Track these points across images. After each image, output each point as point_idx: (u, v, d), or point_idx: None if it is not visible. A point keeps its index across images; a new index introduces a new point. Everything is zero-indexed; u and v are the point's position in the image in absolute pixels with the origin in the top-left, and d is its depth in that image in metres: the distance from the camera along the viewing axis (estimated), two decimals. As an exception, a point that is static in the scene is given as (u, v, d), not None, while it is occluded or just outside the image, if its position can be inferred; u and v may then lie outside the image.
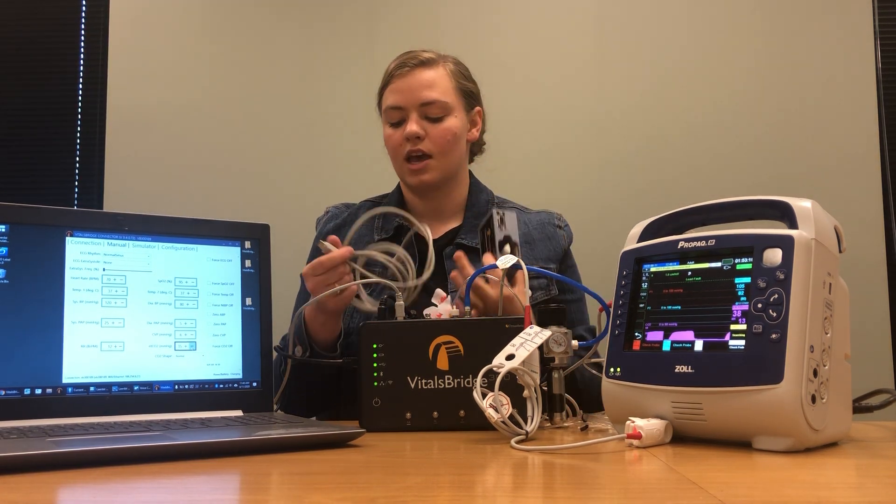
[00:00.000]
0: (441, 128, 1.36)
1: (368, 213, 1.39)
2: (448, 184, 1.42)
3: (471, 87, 1.44)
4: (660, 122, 2.23)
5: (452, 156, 1.39)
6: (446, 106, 1.37)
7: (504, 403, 0.90)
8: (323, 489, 0.64)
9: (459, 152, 1.41)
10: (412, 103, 1.36)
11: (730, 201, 0.94)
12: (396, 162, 1.41)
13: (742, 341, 0.81)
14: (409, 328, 1.02)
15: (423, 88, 1.36)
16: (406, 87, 1.36)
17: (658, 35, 2.25)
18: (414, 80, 1.36)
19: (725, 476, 0.67)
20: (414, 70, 1.37)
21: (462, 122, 1.40)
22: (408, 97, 1.36)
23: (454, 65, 1.42)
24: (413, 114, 1.36)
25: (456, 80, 1.40)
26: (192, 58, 2.28)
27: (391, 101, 1.38)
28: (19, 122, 2.33)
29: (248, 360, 1.09)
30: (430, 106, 1.36)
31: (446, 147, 1.37)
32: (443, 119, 1.37)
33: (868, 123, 2.19)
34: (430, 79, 1.37)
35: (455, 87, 1.40)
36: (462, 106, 1.41)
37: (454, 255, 1.20)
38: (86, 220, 1.03)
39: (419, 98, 1.36)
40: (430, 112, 1.36)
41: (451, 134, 1.37)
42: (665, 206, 1.03)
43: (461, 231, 1.42)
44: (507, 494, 0.62)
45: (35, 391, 0.95)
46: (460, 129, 1.40)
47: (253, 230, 1.13)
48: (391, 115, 1.39)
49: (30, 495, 0.61)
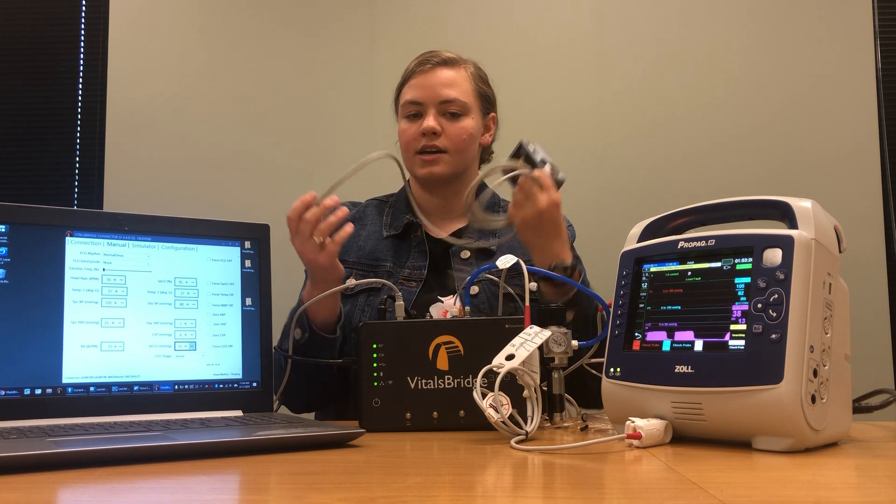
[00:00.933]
0: (458, 126, 1.38)
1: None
2: (457, 182, 1.43)
3: (488, 93, 1.46)
4: (660, 122, 2.23)
5: (465, 155, 1.40)
6: (465, 106, 1.39)
7: (504, 403, 0.90)
8: (323, 489, 0.64)
9: (472, 153, 1.43)
10: (432, 100, 1.38)
11: (730, 201, 0.94)
12: (408, 154, 1.42)
13: (742, 341, 0.81)
14: (409, 328, 1.02)
15: (444, 86, 1.38)
16: (427, 84, 1.38)
17: (658, 36, 2.25)
18: (435, 78, 1.39)
19: (725, 476, 0.67)
20: (436, 68, 1.39)
21: (477, 125, 1.43)
22: (428, 93, 1.38)
23: (475, 68, 1.45)
24: (431, 110, 1.38)
25: (475, 83, 1.43)
26: (192, 57, 2.28)
27: (410, 95, 1.40)
28: (19, 122, 2.33)
29: (248, 360, 1.09)
30: (449, 104, 1.38)
31: (461, 145, 1.39)
32: (460, 118, 1.39)
33: (868, 123, 2.19)
34: (451, 78, 1.39)
35: (474, 89, 1.42)
36: (479, 109, 1.43)
37: (519, 182, 1.21)
38: (86, 220, 1.03)
39: (439, 95, 1.38)
40: (449, 109, 1.38)
41: (467, 133, 1.39)
42: (665, 206, 1.03)
43: (467, 231, 1.43)
44: (507, 494, 0.62)
45: (35, 391, 0.95)
46: (476, 130, 1.42)
47: (253, 230, 1.13)
48: (409, 109, 1.40)
49: (30, 495, 0.61)
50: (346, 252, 1.37)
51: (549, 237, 1.22)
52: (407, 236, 1.42)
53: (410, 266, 1.38)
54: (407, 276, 1.37)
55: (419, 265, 1.38)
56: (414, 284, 1.36)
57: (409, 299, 1.33)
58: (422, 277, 1.36)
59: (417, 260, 1.39)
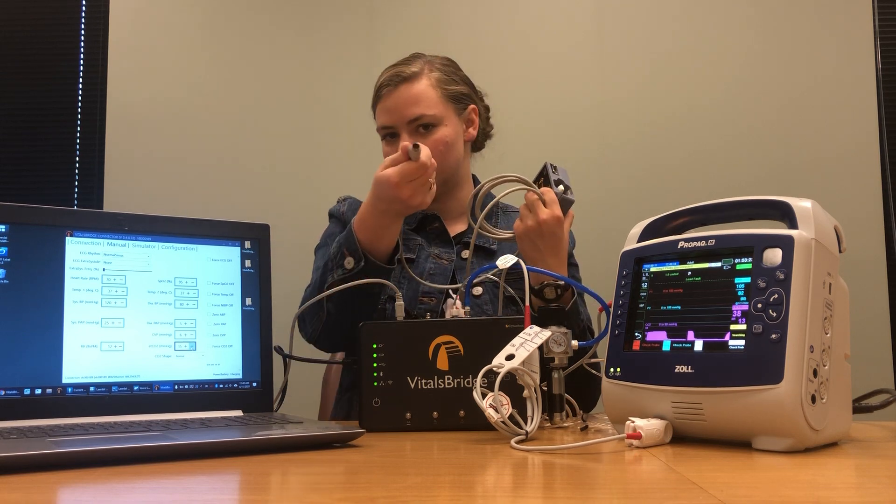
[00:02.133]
0: (432, 139, 1.37)
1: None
2: (450, 188, 1.43)
3: (459, 90, 1.43)
4: (661, 122, 2.23)
5: (447, 163, 1.39)
6: (434, 117, 1.37)
7: (504, 403, 0.90)
8: (323, 489, 0.64)
9: (454, 157, 1.42)
10: (400, 121, 1.37)
11: (730, 201, 0.94)
12: None
13: (742, 341, 0.81)
14: (409, 328, 1.02)
15: (409, 105, 1.37)
16: (393, 106, 1.38)
17: (658, 37, 2.25)
18: (399, 98, 1.37)
19: (725, 476, 0.67)
20: (398, 87, 1.37)
21: (454, 129, 1.41)
22: (395, 116, 1.38)
23: (439, 71, 1.42)
24: (403, 132, 1.37)
25: (441, 89, 1.40)
26: (192, 57, 2.28)
27: (381, 120, 1.41)
28: (19, 122, 2.33)
29: (248, 360, 1.09)
30: (417, 120, 1.37)
31: (439, 157, 1.35)
32: (433, 129, 1.37)
33: (868, 123, 2.20)
34: (414, 94, 1.37)
35: (441, 95, 1.39)
36: (452, 111, 1.41)
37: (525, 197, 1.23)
38: (86, 220, 1.03)
39: (406, 115, 1.37)
40: (420, 124, 1.37)
41: (443, 144, 1.38)
42: (665, 206, 1.03)
43: (467, 235, 1.42)
44: (507, 494, 0.62)
45: (35, 391, 0.95)
46: (453, 136, 1.40)
47: (253, 230, 1.13)
48: (384, 133, 1.41)
49: (30, 495, 0.61)
50: None
51: (546, 252, 1.22)
52: (423, 229, 1.44)
53: (438, 249, 1.41)
54: (437, 253, 1.39)
55: (447, 253, 1.40)
56: (446, 262, 1.38)
57: (447, 274, 1.36)
58: (452, 258, 1.38)
59: (445, 247, 1.42)
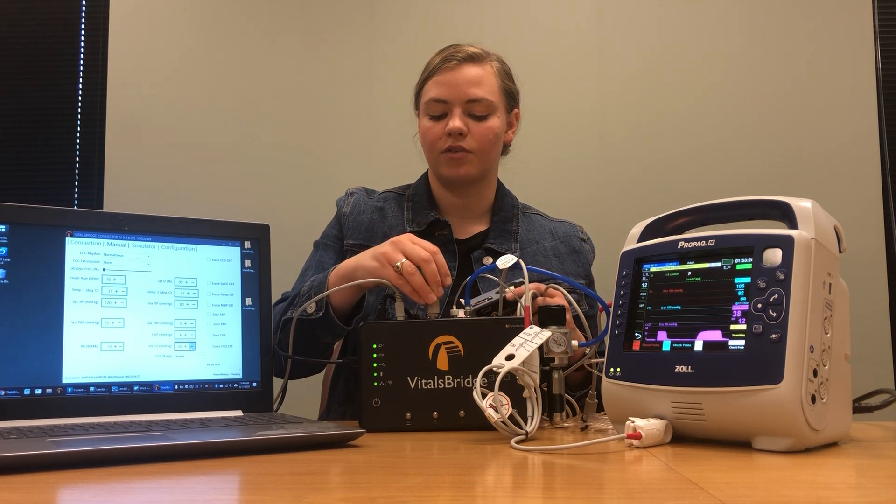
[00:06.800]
0: (484, 126, 1.33)
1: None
2: (481, 182, 1.40)
3: (513, 89, 1.42)
4: (660, 122, 2.23)
5: (491, 155, 1.37)
6: (491, 105, 1.34)
7: (504, 403, 0.89)
8: (323, 489, 0.64)
9: (497, 152, 1.39)
10: (458, 98, 1.33)
11: (730, 201, 0.94)
12: (432, 154, 1.38)
13: (742, 341, 0.81)
14: (409, 328, 1.02)
15: (471, 85, 1.33)
16: (453, 82, 1.33)
17: (658, 35, 2.25)
18: (461, 75, 1.33)
19: (725, 476, 0.67)
20: (461, 64, 1.33)
21: (502, 123, 1.38)
22: (454, 92, 1.33)
23: (500, 63, 1.40)
24: (457, 109, 1.33)
25: (501, 80, 1.38)
26: (192, 58, 2.28)
27: (434, 93, 1.34)
28: (19, 122, 2.33)
29: (248, 360, 1.09)
30: (475, 103, 1.33)
31: (487, 146, 1.34)
32: (486, 118, 1.34)
33: (868, 123, 2.20)
34: (477, 75, 1.34)
35: (500, 86, 1.37)
36: (504, 106, 1.39)
37: (534, 301, 1.11)
38: (86, 220, 1.03)
39: (465, 94, 1.32)
40: (475, 109, 1.33)
41: (493, 133, 1.35)
42: (665, 206, 1.03)
43: (490, 235, 1.40)
44: (507, 494, 0.62)
45: (35, 391, 0.95)
46: (501, 129, 1.37)
47: (253, 230, 1.13)
48: (433, 107, 1.35)
49: (30, 495, 0.61)
50: (370, 240, 1.34)
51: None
52: (431, 234, 1.37)
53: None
54: None
55: (450, 265, 1.31)
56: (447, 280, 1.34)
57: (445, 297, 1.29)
58: (452, 277, 1.33)
59: (447, 260, 1.36)
